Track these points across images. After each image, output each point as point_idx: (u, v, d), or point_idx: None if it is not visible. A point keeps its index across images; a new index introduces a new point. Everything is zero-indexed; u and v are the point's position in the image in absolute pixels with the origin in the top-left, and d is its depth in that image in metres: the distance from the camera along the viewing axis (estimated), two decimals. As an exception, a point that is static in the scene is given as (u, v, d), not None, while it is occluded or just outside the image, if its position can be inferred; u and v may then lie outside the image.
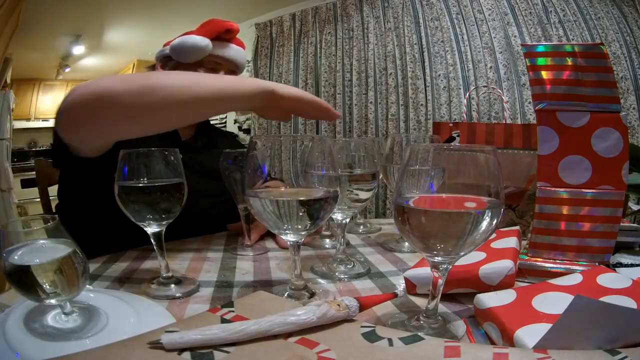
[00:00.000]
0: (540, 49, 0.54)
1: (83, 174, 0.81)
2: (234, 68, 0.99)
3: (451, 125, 0.86)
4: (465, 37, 2.57)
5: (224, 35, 0.95)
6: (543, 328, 0.31)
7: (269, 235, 0.78)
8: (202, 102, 0.61)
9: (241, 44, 1.02)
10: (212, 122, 1.15)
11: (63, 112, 0.57)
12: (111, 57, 4.41)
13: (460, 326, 0.40)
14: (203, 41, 0.90)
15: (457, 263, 0.40)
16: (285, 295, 0.48)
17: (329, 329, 0.34)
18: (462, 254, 0.36)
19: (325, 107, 0.69)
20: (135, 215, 0.49)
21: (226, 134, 1.25)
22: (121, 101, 0.55)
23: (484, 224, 0.34)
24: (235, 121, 3.62)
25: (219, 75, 0.67)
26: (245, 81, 0.66)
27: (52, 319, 0.37)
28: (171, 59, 0.95)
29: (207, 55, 0.92)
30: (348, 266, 0.59)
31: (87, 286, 0.41)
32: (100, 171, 0.66)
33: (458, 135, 0.84)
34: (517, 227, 0.61)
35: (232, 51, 0.98)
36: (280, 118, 0.72)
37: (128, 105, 0.56)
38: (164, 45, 0.99)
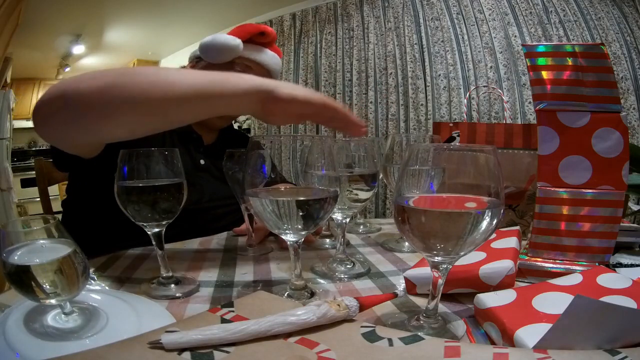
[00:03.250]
0: (541, 49, 0.54)
1: (80, 173, 0.81)
2: (266, 74, 0.91)
3: (451, 125, 0.86)
4: (466, 37, 2.57)
5: (257, 38, 0.91)
6: (543, 328, 0.31)
7: (271, 235, 0.78)
8: (175, 102, 0.52)
9: (278, 52, 0.97)
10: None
11: (33, 112, 0.54)
12: (111, 57, 4.41)
13: (460, 326, 0.40)
14: (234, 40, 0.85)
15: (457, 263, 0.40)
16: (285, 295, 0.48)
17: (329, 329, 0.34)
18: (462, 253, 0.36)
19: (343, 114, 0.57)
20: (135, 215, 0.49)
21: None
22: (81, 100, 0.50)
23: (484, 224, 0.34)
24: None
25: (208, 71, 0.55)
26: (237, 78, 0.56)
27: (52, 319, 0.37)
28: (202, 60, 0.90)
29: (237, 57, 0.88)
30: (348, 266, 0.59)
31: (87, 286, 0.41)
32: (97, 172, 0.65)
33: (458, 135, 0.84)
34: (517, 227, 0.61)
35: (265, 56, 0.92)
36: (286, 122, 0.60)
37: (88, 104, 0.50)
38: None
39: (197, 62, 0.93)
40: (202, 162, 0.93)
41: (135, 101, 0.50)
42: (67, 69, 4.59)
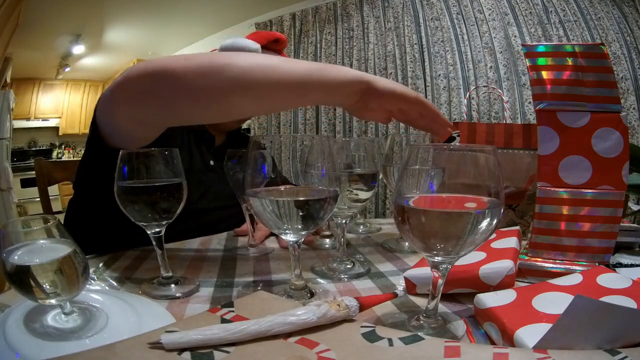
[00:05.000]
0: (541, 49, 0.54)
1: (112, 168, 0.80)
2: None
3: (451, 125, 0.86)
4: (466, 37, 2.57)
5: (273, 45, 0.93)
6: (543, 328, 0.31)
7: (272, 235, 0.78)
8: (280, 88, 0.52)
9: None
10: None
11: (115, 89, 0.53)
12: (111, 57, 4.41)
13: (460, 326, 0.40)
14: (254, 45, 0.87)
15: (457, 263, 0.40)
16: (285, 295, 0.48)
17: (329, 329, 0.34)
18: (462, 254, 0.36)
19: (435, 112, 0.59)
20: (135, 215, 0.49)
21: None
22: (178, 80, 0.50)
23: (484, 224, 0.34)
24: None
25: (300, 60, 0.55)
26: (336, 69, 0.56)
27: (52, 319, 0.37)
28: None
29: None
30: (348, 266, 0.59)
31: (87, 286, 0.41)
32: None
33: (458, 135, 0.84)
34: (517, 227, 0.61)
35: None
36: (378, 119, 0.62)
37: (186, 85, 0.50)
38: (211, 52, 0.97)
39: None
40: (211, 162, 0.93)
41: (243, 83, 0.51)
42: (67, 69, 4.59)
